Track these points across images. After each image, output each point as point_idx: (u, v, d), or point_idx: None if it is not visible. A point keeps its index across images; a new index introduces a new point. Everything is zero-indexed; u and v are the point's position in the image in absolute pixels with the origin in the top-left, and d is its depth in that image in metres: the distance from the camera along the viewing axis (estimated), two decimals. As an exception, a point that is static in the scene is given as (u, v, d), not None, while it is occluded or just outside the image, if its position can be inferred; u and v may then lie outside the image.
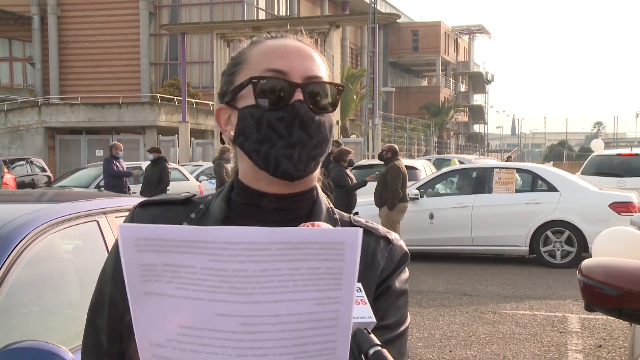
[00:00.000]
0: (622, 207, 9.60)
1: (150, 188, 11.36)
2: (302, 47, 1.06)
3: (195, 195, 1.13)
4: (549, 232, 9.78)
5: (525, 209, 9.92)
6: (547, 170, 10.74)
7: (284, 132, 0.99)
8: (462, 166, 11.96)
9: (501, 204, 10.02)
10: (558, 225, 9.75)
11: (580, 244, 9.65)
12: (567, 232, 9.71)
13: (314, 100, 1.01)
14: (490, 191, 10.21)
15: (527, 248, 9.89)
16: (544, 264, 9.73)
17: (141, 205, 1.10)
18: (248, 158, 1.03)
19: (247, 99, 1.02)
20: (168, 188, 12.03)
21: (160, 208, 1.09)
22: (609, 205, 9.66)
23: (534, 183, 10.32)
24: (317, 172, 1.08)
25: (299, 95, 1.00)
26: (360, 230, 0.72)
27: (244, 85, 1.03)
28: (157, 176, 11.60)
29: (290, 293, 0.72)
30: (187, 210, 1.08)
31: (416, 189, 10.44)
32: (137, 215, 1.09)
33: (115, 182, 11.67)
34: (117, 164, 11.89)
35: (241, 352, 0.72)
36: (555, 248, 9.76)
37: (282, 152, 0.99)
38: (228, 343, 0.72)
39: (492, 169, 10.53)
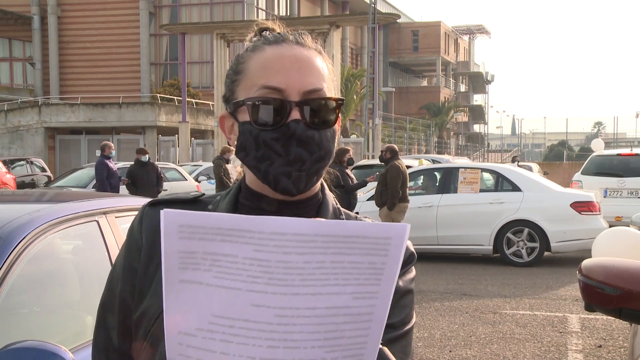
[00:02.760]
0: (583, 207, 9.82)
1: (151, 189, 11.12)
2: (300, 56, 1.03)
3: (204, 194, 1.12)
4: (512, 231, 9.93)
5: (489, 208, 10.06)
6: (511, 170, 10.89)
7: (282, 151, 0.99)
8: (428, 166, 12.03)
9: (466, 203, 10.12)
10: (521, 225, 9.91)
11: (542, 242, 9.83)
12: (530, 231, 9.87)
13: (312, 116, 1.00)
14: (455, 191, 10.31)
15: (491, 247, 10.04)
16: (508, 263, 9.87)
17: (150, 204, 1.10)
18: (252, 173, 1.04)
19: (246, 114, 1.02)
20: (165, 189, 11.96)
21: (169, 207, 1.09)
22: (571, 205, 9.85)
23: (498, 183, 10.46)
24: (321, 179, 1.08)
25: (295, 114, 0.99)
26: (408, 226, 0.72)
27: (239, 104, 1.03)
28: (153, 177, 11.34)
29: (331, 286, 0.71)
30: (195, 209, 1.08)
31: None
32: (146, 214, 1.08)
33: (106, 187, 11.51)
34: (110, 165, 11.73)
35: (272, 343, 0.71)
36: (519, 247, 9.91)
37: (281, 170, 0.99)
38: (260, 334, 0.71)
39: (457, 169, 10.65)
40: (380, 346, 0.79)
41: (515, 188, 10.13)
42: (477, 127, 65.40)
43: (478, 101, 67.01)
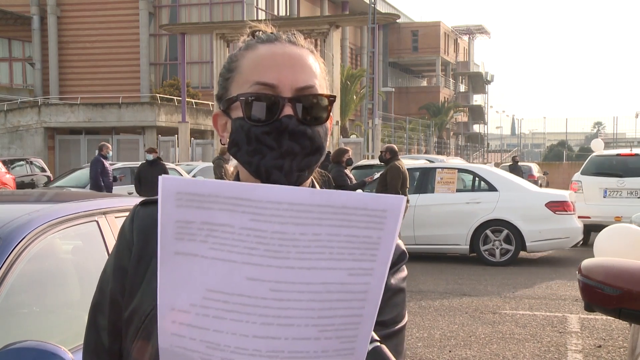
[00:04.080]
0: (557, 207, 9.93)
1: (150, 187, 11.12)
2: (293, 54, 1.04)
3: None
4: (488, 231, 10.00)
5: (466, 208, 10.13)
6: (487, 170, 10.99)
7: (274, 144, 1.00)
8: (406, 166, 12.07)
9: (443, 203, 10.17)
10: (497, 224, 9.99)
11: (518, 242, 9.91)
12: (505, 231, 9.94)
13: (304, 112, 1.01)
14: (432, 191, 10.37)
15: (468, 247, 10.09)
16: (484, 262, 9.92)
17: (142, 203, 1.11)
18: (244, 168, 1.05)
19: (239, 110, 1.03)
20: None
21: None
22: (546, 205, 9.94)
23: (474, 183, 10.56)
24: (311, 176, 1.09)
25: (288, 110, 1.00)
26: (404, 199, 0.71)
27: (232, 101, 1.04)
28: (157, 176, 11.49)
29: (325, 261, 0.71)
30: None
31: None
32: (138, 213, 1.09)
33: (100, 184, 11.67)
34: (106, 164, 11.91)
35: (266, 320, 0.70)
36: (495, 247, 9.97)
37: (272, 164, 1.00)
38: (254, 310, 0.70)
39: (434, 169, 10.72)
40: (379, 344, 0.79)
41: (492, 188, 10.24)
42: (476, 127, 65.37)
43: (478, 101, 66.98)
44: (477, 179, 10.53)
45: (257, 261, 0.70)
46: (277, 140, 0.99)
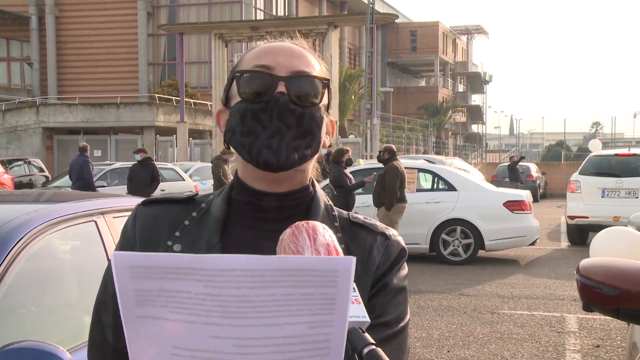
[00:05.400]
0: (515, 206, 10.10)
1: (142, 187, 11.55)
2: (293, 47, 1.08)
3: (197, 194, 1.14)
4: (448, 230, 10.10)
5: (426, 207, 10.24)
6: (447, 170, 11.10)
7: (267, 123, 1.01)
8: (366, 166, 12.07)
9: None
10: (457, 224, 10.11)
11: (477, 241, 10.03)
12: (465, 230, 10.06)
13: (298, 92, 1.02)
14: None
15: (428, 246, 10.19)
16: (442, 261, 9.99)
17: (144, 203, 1.12)
18: (238, 154, 1.06)
19: (237, 97, 1.05)
20: (163, 189, 12.16)
21: (163, 206, 1.11)
22: (504, 204, 10.10)
23: (434, 183, 10.66)
24: (310, 169, 1.10)
25: (281, 88, 1.02)
26: (354, 259, 0.73)
27: (230, 81, 1.07)
28: (148, 176, 11.87)
29: (284, 317, 0.73)
30: (188, 209, 1.10)
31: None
32: (139, 213, 1.11)
33: (93, 187, 11.99)
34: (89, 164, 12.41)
35: None
36: (455, 245, 10.09)
37: (264, 143, 1.01)
38: None
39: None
40: (374, 347, 0.80)
41: (451, 188, 10.37)
42: (475, 127, 65.37)
43: (476, 101, 67.00)
44: (436, 178, 10.64)
45: (217, 321, 0.72)
46: (269, 118, 1.01)
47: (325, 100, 1.07)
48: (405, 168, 10.63)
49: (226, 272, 0.72)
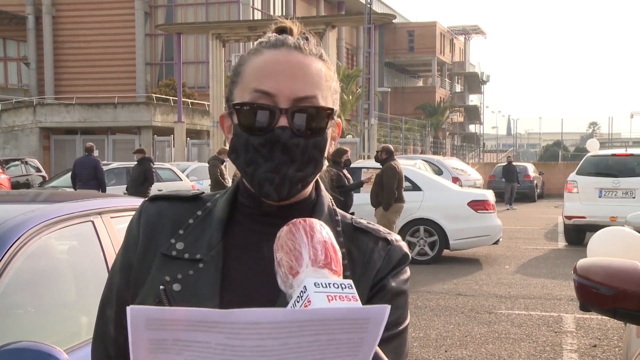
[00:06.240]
0: (479, 205, 10.18)
1: (135, 186, 12.07)
2: (296, 62, 1.03)
3: (204, 192, 1.14)
4: (413, 229, 10.15)
5: None
6: (411, 170, 11.11)
7: (267, 156, 1.00)
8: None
9: (368, 202, 10.02)
10: (422, 223, 10.17)
11: (442, 240, 10.10)
12: (430, 229, 10.11)
13: (300, 127, 1.00)
14: (359, 190, 10.33)
15: None
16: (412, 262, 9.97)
17: (151, 199, 1.13)
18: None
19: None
20: (160, 189, 12.28)
21: (168, 203, 1.12)
22: (468, 204, 10.16)
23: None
24: (312, 183, 1.08)
25: (283, 121, 0.99)
26: (388, 308, 0.72)
27: (231, 108, 1.04)
28: (142, 175, 12.28)
29: None
30: (194, 207, 1.10)
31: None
32: (145, 209, 1.11)
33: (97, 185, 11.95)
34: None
35: None
36: (420, 245, 10.14)
37: (265, 176, 1.00)
38: None
39: (360, 168, 10.87)
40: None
41: (416, 187, 10.43)
42: (472, 128, 65.41)
43: (474, 101, 67.03)
44: None
45: None
46: (270, 151, 0.99)
47: (331, 118, 1.04)
48: (369, 168, 10.76)
49: (252, 325, 0.69)
